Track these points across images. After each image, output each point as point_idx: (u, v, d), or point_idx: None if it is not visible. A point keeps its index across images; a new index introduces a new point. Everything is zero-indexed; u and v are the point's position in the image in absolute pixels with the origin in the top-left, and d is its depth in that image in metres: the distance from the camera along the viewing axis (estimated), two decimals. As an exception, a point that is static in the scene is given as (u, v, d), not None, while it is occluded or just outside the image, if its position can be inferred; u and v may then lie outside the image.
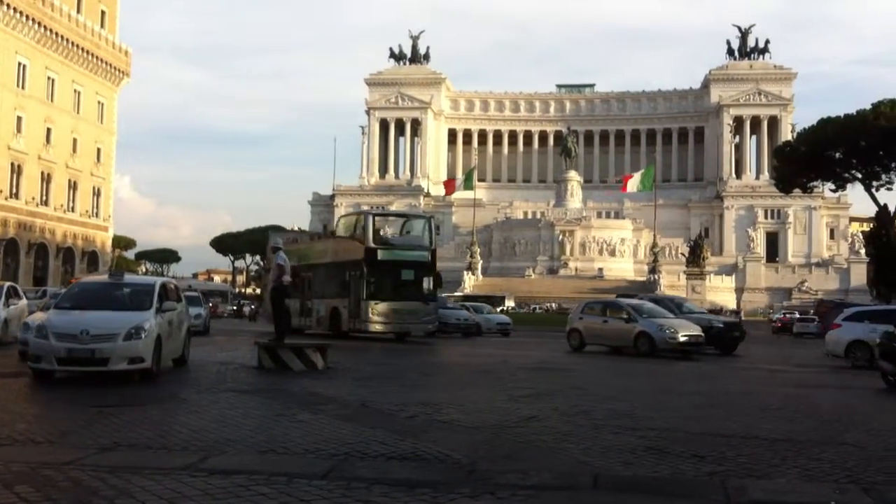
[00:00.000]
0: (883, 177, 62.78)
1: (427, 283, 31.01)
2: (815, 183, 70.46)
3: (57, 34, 68.54)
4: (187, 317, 18.42)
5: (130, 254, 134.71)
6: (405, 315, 30.08)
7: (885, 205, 64.60)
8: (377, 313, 29.55)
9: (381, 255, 30.04)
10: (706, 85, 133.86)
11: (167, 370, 16.17)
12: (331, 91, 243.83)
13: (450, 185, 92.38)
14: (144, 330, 14.40)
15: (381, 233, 31.19)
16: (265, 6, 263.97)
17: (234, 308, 72.97)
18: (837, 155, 62.50)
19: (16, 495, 6.58)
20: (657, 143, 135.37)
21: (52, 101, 69.50)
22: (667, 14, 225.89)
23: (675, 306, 30.62)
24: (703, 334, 25.96)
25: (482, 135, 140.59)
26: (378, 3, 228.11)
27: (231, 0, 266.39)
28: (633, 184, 75.19)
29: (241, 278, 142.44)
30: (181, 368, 17.21)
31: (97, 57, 74.61)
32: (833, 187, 70.29)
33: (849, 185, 67.56)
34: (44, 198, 68.90)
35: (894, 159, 60.41)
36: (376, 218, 31.90)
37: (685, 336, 25.38)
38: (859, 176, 63.36)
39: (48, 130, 68.87)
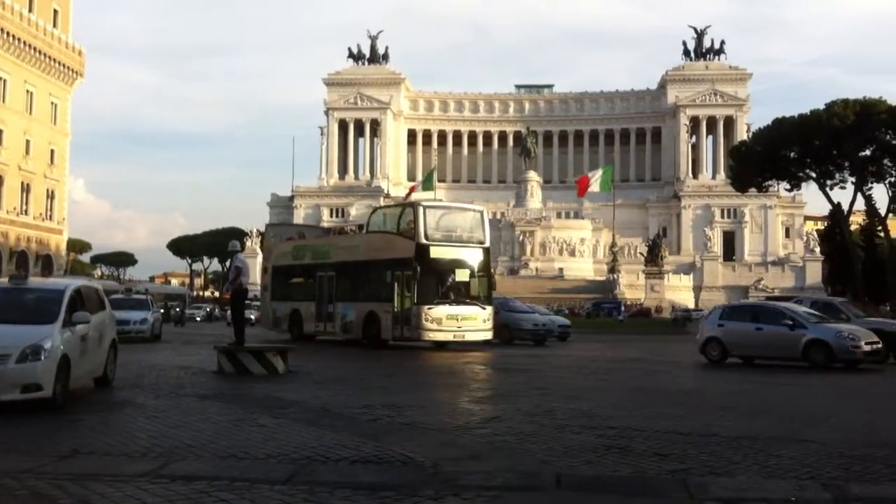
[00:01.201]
0: (836, 176, 63.95)
1: (483, 285, 27.98)
2: (770, 182, 71.62)
3: (8, 33, 67.39)
4: (111, 327, 15.20)
5: (86, 257, 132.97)
6: (462, 321, 26.69)
7: (839, 203, 65.88)
8: (432, 319, 26.09)
9: (435, 252, 26.65)
10: (663, 85, 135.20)
11: (85, 392, 13.68)
12: (288, 91, 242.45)
13: (412, 191, 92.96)
14: (45, 349, 11.37)
15: (434, 227, 27.44)
16: (221, 6, 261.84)
17: (162, 311, 61.30)
18: (792, 154, 63.58)
19: (-29, 506, 6.48)
20: (615, 143, 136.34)
21: (3, 101, 68.32)
22: (623, 15, 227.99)
23: (844, 307, 27.23)
24: (880, 342, 23.07)
25: (442, 135, 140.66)
26: (336, 2, 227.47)
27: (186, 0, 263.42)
28: (593, 183, 75.61)
29: (199, 281, 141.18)
30: (103, 391, 14.19)
31: (50, 57, 73.47)
32: (788, 186, 71.43)
33: (803, 185, 68.67)
34: (-4, 201, 67.71)
35: (847, 159, 61.55)
36: (428, 210, 28.05)
37: (869, 345, 22.33)
38: (813, 175, 64.46)
39: (0, 132, 67.67)
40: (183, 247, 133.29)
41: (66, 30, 77.49)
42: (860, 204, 67.24)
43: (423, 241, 26.47)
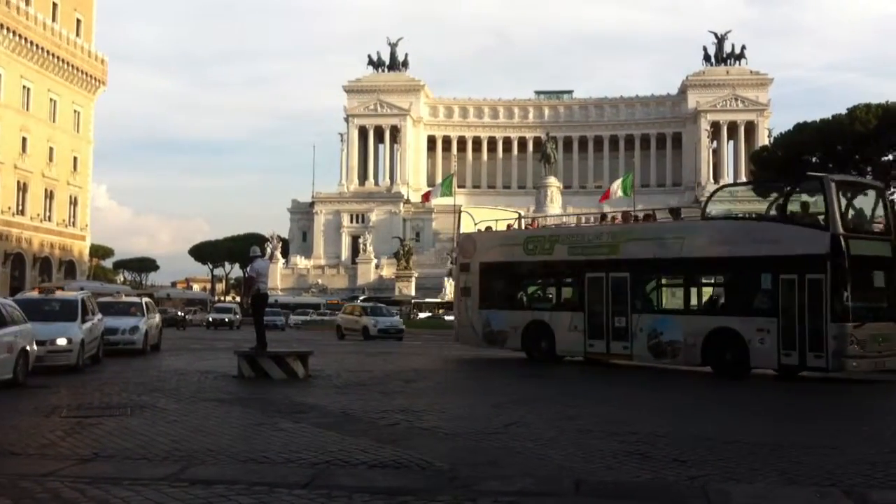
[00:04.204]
0: (859, 181, 63.45)
1: (893, 291, 20.20)
2: (792, 187, 71.10)
3: (32, 43, 67.97)
4: None
5: (108, 263, 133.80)
6: (883, 343, 19.20)
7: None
8: (858, 342, 18.49)
9: (857, 248, 19.04)
10: (683, 91, 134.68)
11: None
12: (309, 98, 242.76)
13: (426, 197, 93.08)
14: None
15: (850, 213, 20.11)
16: (242, 14, 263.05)
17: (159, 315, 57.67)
18: (814, 159, 63.08)
19: (-7, 508, 6.52)
20: (636, 148, 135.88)
21: (27, 110, 68.88)
22: (642, 21, 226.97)
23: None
24: None
25: (461, 141, 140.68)
26: (356, 10, 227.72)
27: (207, 8, 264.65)
28: (614, 192, 75.45)
29: (220, 286, 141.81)
30: None
31: (73, 66, 74.04)
32: (810, 192, 70.85)
33: (825, 190, 68.16)
34: (20, 207, 68.21)
35: (870, 163, 61.04)
36: (840, 186, 20.13)
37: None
38: (836, 180, 63.97)
39: (24, 140, 68.21)
40: (204, 252, 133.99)
41: (88, 39, 78.07)
42: (883, 209, 66.84)
43: (841, 230, 18.88)
